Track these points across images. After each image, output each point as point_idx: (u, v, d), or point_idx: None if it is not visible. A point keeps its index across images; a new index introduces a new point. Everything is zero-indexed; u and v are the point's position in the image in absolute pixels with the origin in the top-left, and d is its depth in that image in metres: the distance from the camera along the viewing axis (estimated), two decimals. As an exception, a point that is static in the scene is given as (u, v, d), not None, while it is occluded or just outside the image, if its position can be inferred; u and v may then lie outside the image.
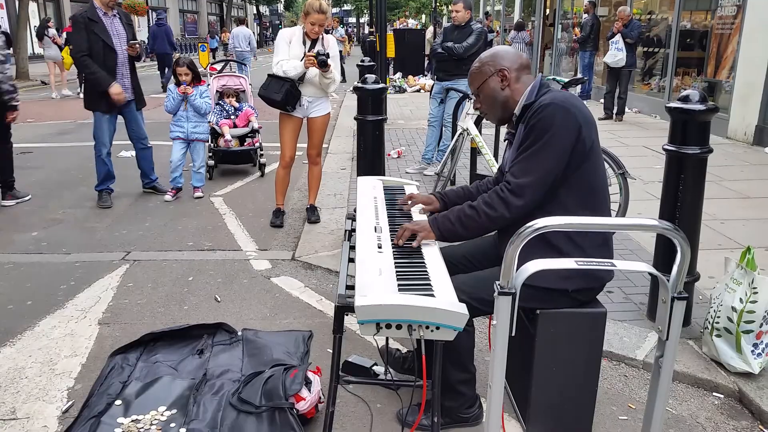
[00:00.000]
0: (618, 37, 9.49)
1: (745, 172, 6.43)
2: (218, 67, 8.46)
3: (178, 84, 5.58)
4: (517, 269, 1.53)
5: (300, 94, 4.47)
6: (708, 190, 2.97)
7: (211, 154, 6.37)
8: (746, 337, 2.64)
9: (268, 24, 54.18)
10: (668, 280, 1.51)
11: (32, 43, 19.55)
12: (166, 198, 5.60)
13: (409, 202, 2.53)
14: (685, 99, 2.79)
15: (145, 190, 5.88)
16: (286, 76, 4.38)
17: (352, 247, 2.27)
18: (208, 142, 6.05)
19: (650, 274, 1.58)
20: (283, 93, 4.37)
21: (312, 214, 4.90)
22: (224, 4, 43.82)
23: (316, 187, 4.94)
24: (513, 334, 1.54)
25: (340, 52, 13.56)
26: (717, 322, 2.73)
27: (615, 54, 9.56)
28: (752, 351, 2.66)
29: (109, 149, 5.44)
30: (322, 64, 4.24)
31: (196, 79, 5.63)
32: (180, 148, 5.65)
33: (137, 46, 5.33)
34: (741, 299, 2.63)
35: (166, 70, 14.70)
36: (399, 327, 1.73)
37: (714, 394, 2.69)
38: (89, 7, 5.20)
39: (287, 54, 4.42)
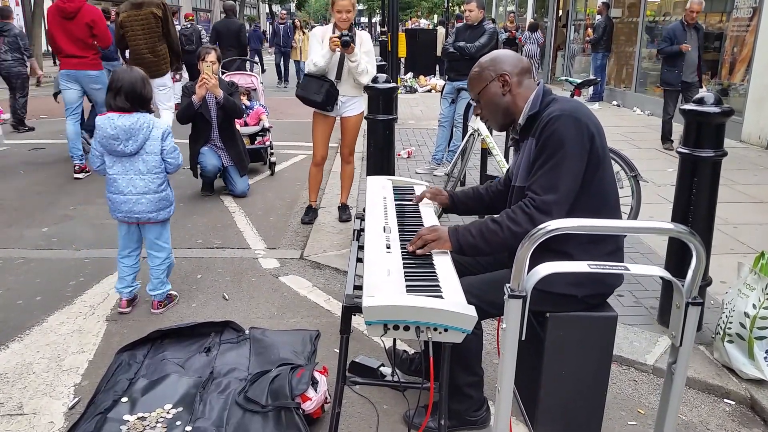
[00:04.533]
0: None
1: (758, 176, 6.35)
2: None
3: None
4: (528, 272, 1.51)
5: (338, 93, 4.49)
6: (721, 194, 2.93)
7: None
8: (759, 343, 2.60)
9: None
10: (683, 285, 1.49)
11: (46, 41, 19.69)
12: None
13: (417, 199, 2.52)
14: (700, 101, 2.75)
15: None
16: (317, 67, 4.39)
17: (361, 247, 2.26)
18: None
19: (663, 278, 1.55)
20: (323, 93, 4.41)
21: (343, 213, 4.92)
22: (237, 3, 43.95)
23: (348, 186, 4.96)
24: (523, 338, 1.51)
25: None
26: (729, 328, 2.69)
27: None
28: (765, 358, 2.62)
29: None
30: (345, 45, 4.25)
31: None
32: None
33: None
34: (754, 305, 2.59)
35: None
36: (407, 328, 1.71)
37: (725, 400, 2.65)
38: None
39: (320, 51, 4.43)
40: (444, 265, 2.02)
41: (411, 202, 2.61)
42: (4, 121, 8.74)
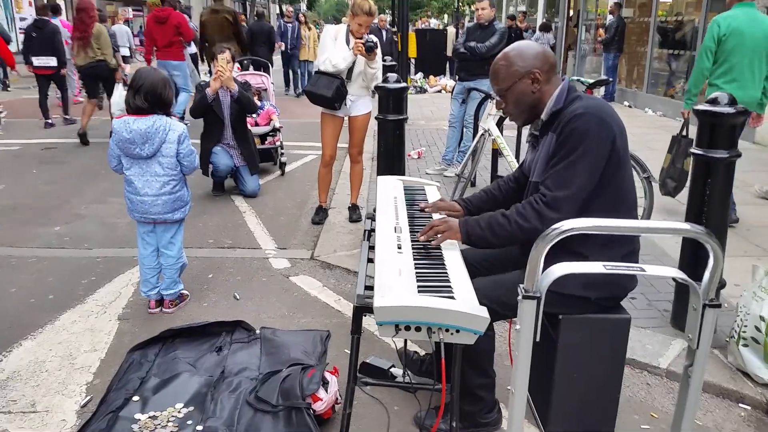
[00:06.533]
0: None
1: (773, 177, 6.28)
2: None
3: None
4: (542, 273, 1.49)
5: (347, 92, 4.50)
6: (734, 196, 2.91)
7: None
8: (775, 347, 2.57)
9: (290, 23, 54.37)
10: (699, 287, 1.47)
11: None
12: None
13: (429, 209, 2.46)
14: (714, 102, 2.73)
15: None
16: (335, 69, 4.40)
17: (372, 247, 2.25)
18: None
19: (678, 280, 1.54)
20: (333, 89, 4.41)
21: (354, 213, 4.92)
22: (247, 2, 44.04)
23: (357, 186, 4.96)
24: (537, 340, 1.50)
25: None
26: (744, 332, 2.66)
27: None
28: (781, 361, 2.59)
29: None
30: (369, 50, 4.28)
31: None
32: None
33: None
34: (770, 308, 2.56)
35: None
36: (418, 329, 1.70)
37: (740, 405, 2.62)
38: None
39: (334, 50, 4.44)
40: (455, 265, 2.01)
41: (422, 203, 2.60)
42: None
